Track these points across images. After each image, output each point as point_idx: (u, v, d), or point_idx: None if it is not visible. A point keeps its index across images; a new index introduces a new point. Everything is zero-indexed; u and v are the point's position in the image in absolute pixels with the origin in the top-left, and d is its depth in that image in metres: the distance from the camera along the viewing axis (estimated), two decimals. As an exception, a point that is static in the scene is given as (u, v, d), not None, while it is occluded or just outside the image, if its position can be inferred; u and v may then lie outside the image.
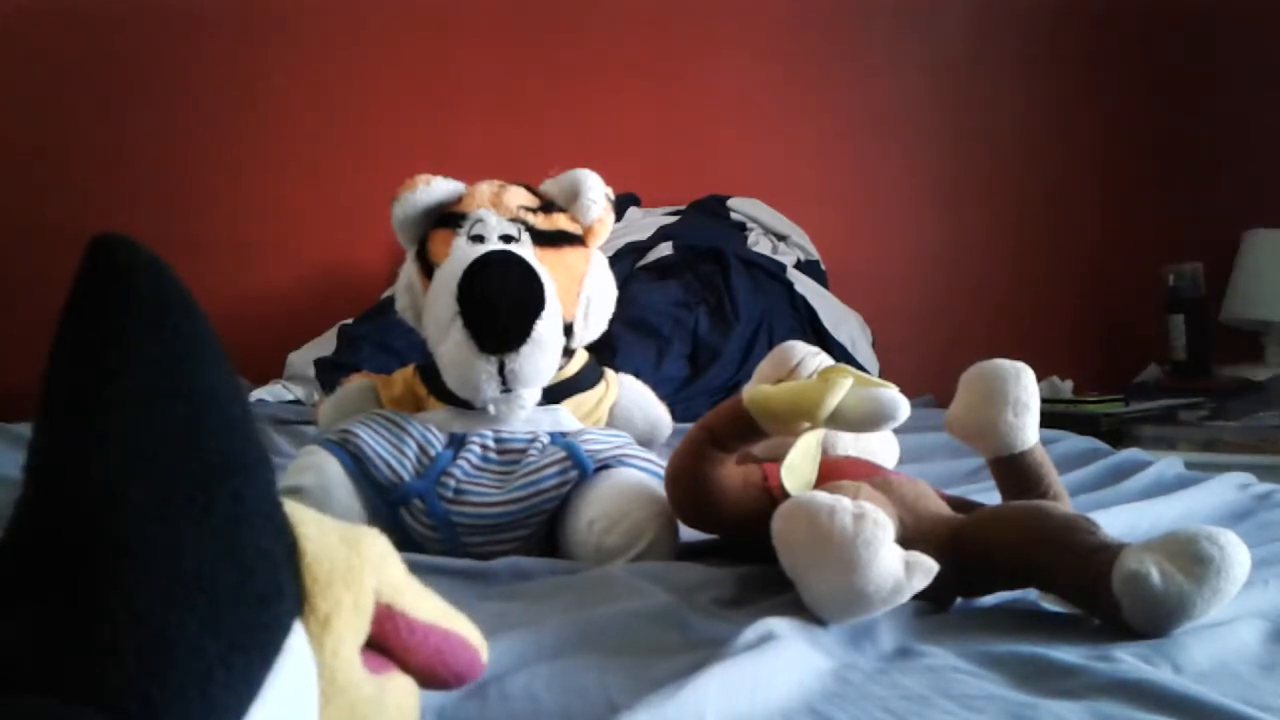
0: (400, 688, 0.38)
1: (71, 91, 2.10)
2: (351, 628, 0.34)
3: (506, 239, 0.88)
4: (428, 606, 0.39)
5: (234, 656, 0.28)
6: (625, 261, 1.81)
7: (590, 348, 0.98)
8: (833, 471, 0.72)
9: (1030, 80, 2.25)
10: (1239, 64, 2.22)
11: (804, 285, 1.87)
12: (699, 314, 1.70)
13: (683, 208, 2.06)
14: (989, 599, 0.68)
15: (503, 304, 0.80)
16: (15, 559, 0.27)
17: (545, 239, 0.89)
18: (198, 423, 0.30)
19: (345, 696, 0.33)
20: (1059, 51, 2.26)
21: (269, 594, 0.30)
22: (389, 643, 0.37)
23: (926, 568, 0.57)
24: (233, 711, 0.28)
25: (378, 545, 0.37)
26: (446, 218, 0.91)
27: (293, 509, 0.34)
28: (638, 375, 1.07)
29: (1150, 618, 0.57)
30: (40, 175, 2.09)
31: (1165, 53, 2.25)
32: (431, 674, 0.40)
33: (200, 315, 0.31)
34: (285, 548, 0.32)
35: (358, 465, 0.81)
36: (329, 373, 1.56)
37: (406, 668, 0.39)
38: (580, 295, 0.90)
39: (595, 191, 0.92)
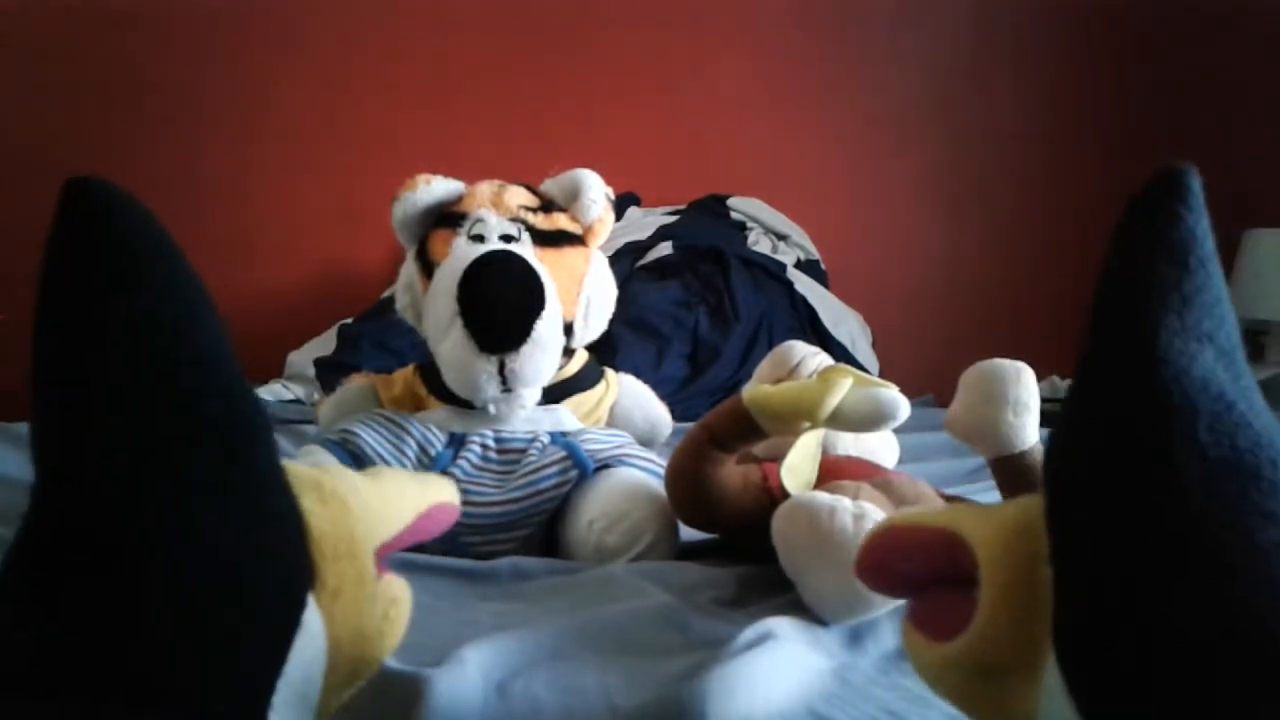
0: (393, 597, 0.38)
1: (72, 91, 2.10)
2: (356, 597, 0.34)
3: (506, 239, 0.88)
4: (409, 507, 0.40)
5: (263, 636, 0.28)
6: (625, 261, 1.81)
7: (590, 347, 0.98)
8: (833, 471, 0.72)
9: (1029, 80, 2.26)
10: (1239, 64, 2.22)
11: (804, 285, 1.87)
12: (699, 314, 1.70)
13: (683, 208, 2.06)
14: (989, 599, 0.68)
15: (503, 304, 0.80)
16: (39, 559, 0.26)
17: (545, 239, 0.89)
18: (201, 389, 0.29)
19: (350, 658, 0.34)
20: (1058, 52, 2.26)
21: (289, 571, 0.30)
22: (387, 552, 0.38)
23: (926, 568, 0.57)
24: (264, 689, 0.27)
25: (359, 499, 0.36)
26: (446, 217, 0.91)
27: (289, 469, 0.33)
28: (638, 375, 1.07)
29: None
30: (41, 175, 2.09)
31: (1164, 52, 2.25)
32: (420, 548, 0.41)
33: (183, 262, 0.30)
34: (296, 520, 0.32)
35: (358, 465, 0.81)
36: (329, 372, 1.56)
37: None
38: (580, 295, 0.90)
39: (595, 191, 0.92)
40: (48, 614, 0.25)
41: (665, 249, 1.87)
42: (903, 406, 0.66)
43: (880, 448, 0.84)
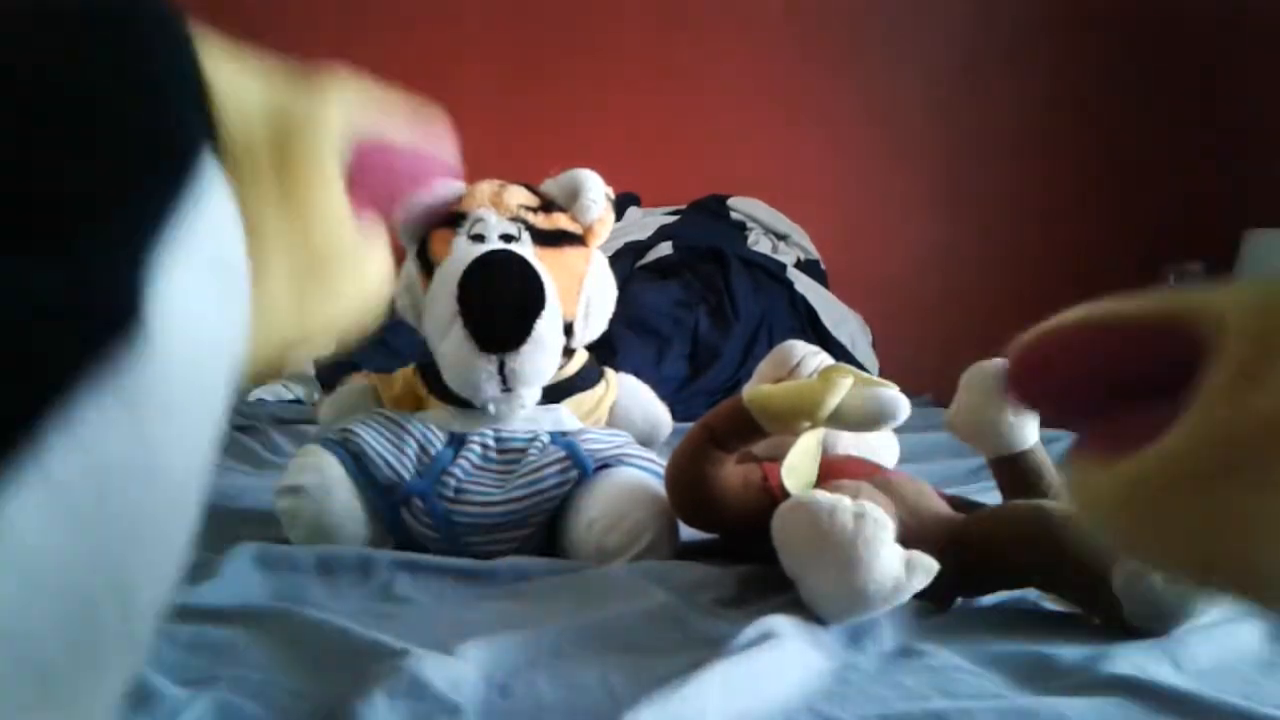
0: (371, 237, 0.34)
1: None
2: (297, 176, 0.30)
3: (507, 238, 0.88)
4: (402, 127, 0.36)
5: (122, 176, 0.25)
6: (625, 261, 1.81)
7: (590, 347, 0.98)
8: (833, 471, 0.72)
9: (1030, 80, 2.25)
10: (1238, 64, 2.22)
11: (804, 285, 1.87)
12: (699, 314, 1.70)
13: (683, 208, 2.06)
14: (989, 598, 0.68)
15: (503, 303, 0.80)
16: None
17: (545, 238, 0.89)
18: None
19: (293, 239, 0.30)
20: (1058, 51, 2.26)
21: (163, 121, 0.27)
22: (365, 173, 0.34)
23: (926, 567, 0.57)
24: (133, 236, 0.24)
25: (334, 96, 0.34)
26: (446, 217, 0.91)
27: (215, 59, 0.31)
28: (638, 375, 1.07)
29: (1150, 617, 0.57)
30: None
31: (1164, 53, 2.25)
32: (407, 186, 0.37)
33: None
34: (184, 79, 0.28)
35: (358, 465, 0.81)
36: (329, 372, 1.56)
37: (383, 191, 0.36)
38: (580, 295, 0.90)
39: (595, 191, 0.92)
40: None
41: (665, 249, 1.87)
42: (903, 406, 0.66)
43: (881, 447, 0.84)
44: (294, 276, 0.30)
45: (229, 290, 0.27)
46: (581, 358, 0.96)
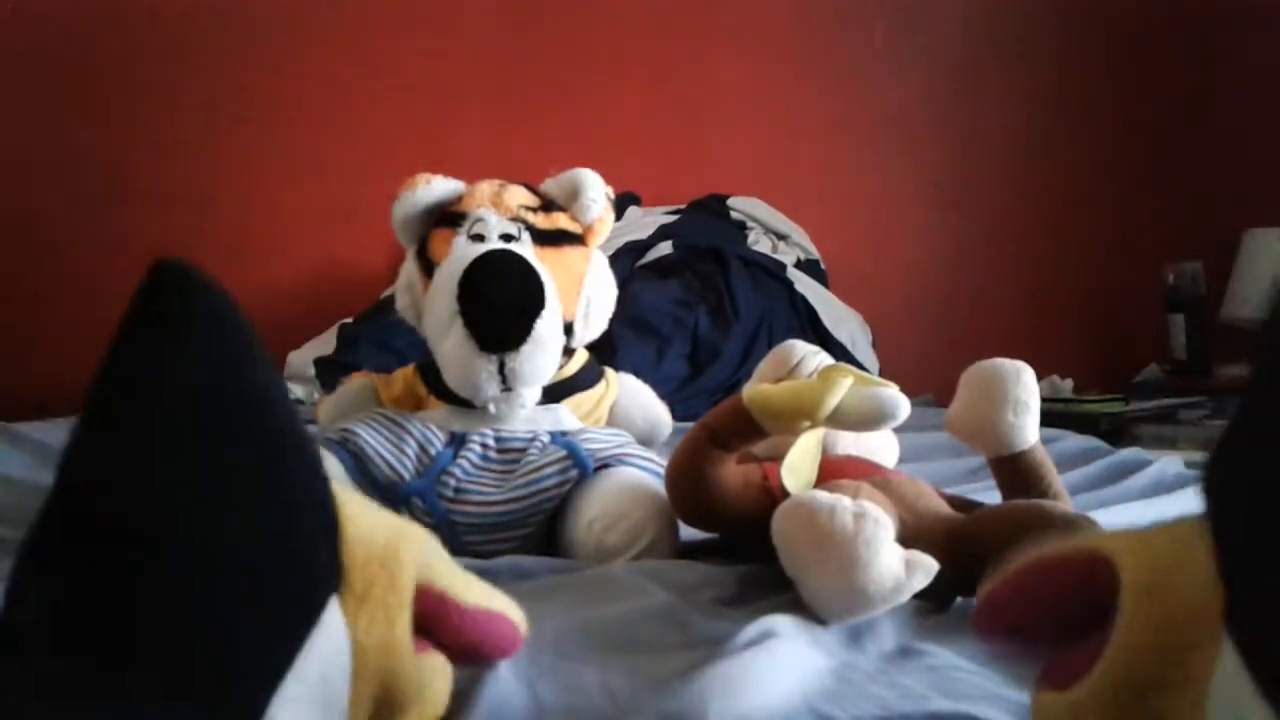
0: (434, 667, 0.40)
1: (69, 94, 2.10)
2: (385, 604, 0.35)
3: (507, 238, 0.88)
4: (475, 590, 0.41)
5: (269, 633, 0.29)
6: (625, 261, 1.81)
7: (590, 347, 0.98)
8: (833, 471, 0.72)
9: (1030, 80, 2.26)
10: (1239, 64, 2.22)
11: (804, 284, 1.87)
12: (699, 313, 1.70)
13: (683, 207, 2.06)
14: (989, 598, 0.68)
15: (502, 303, 0.80)
16: (63, 527, 0.28)
17: (545, 238, 0.89)
18: (246, 417, 0.31)
19: (377, 670, 0.35)
20: (1059, 51, 2.26)
21: (307, 574, 0.31)
22: (439, 627, 0.39)
23: (927, 567, 0.57)
24: (265, 680, 0.29)
25: (419, 534, 0.39)
26: (447, 217, 0.91)
27: (341, 491, 0.35)
28: (638, 374, 1.07)
29: (1150, 617, 0.57)
30: (39, 178, 2.09)
31: (1165, 52, 2.25)
32: (477, 652, 0.42)
33: (249, 326, 0.33)
34: (327, 526, 0.33)
35: (358, 464, 0.81)
36: (329, 372, 1.56)
37: (454, 648, 0.40)
38: (580, 294, 0.90)
39: (595, 191, 0.92)
40: (63, 578, 0.27)
41: (665, 248, 1.87)
42: (903, 406, 0.66)
43: (881, 447, 0.84)
44: (367, 699, 0.35)
45: (329, 707, 0.31)
46: (581, 357, 0.96)
